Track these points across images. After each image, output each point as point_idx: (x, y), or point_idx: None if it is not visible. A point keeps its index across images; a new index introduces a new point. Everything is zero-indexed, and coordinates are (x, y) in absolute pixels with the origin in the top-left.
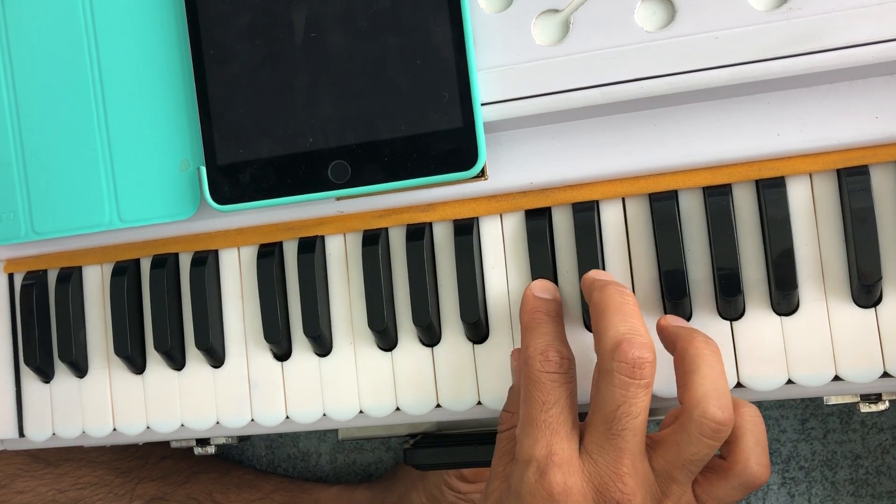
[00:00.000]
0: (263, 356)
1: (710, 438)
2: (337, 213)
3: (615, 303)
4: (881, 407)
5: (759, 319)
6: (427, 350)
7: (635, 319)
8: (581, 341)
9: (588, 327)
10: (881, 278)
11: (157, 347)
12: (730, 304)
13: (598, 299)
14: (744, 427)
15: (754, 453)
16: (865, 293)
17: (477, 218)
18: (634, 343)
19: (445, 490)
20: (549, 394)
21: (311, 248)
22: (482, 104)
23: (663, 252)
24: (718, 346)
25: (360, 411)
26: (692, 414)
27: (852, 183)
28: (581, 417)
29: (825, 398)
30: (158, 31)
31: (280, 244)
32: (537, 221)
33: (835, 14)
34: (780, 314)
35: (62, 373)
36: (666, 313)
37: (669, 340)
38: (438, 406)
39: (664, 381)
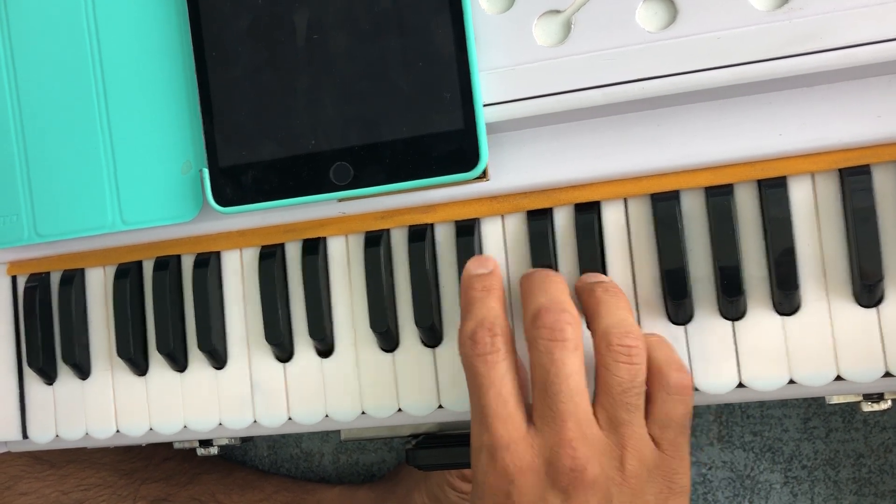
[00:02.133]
0: (266, 358)
1: (626, 362)
2: (339, 214)
3: (537, 281)
4: (883, 406)
5: (760, 319)
6: (429, 351)
7: (556, 292)
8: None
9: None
10: (883, 278)
11: (159, 349)
12: (731, 304)
13: (523, 284)
14: (650, 349)
15: (665, 363)
16: (867, 293)
17: (478, 219)
18: (552, 308)
19: (448, 490)
20: (483, 377)
21: (314, 250)
22: (484, 105)
23: (665, 252)
24: (621, 292)
25: (362, 412)
26: (600, 348)
27: (854, 182)
28: None
29: (827, 398)
30: (161, 33)
31: (282, 246)
32: (539, 222)
33: (836, 14)
34: (781, 314)
35: (65, 374)
36: (668, 314)
37: (578, 296)
38: (440, 407)
39: None
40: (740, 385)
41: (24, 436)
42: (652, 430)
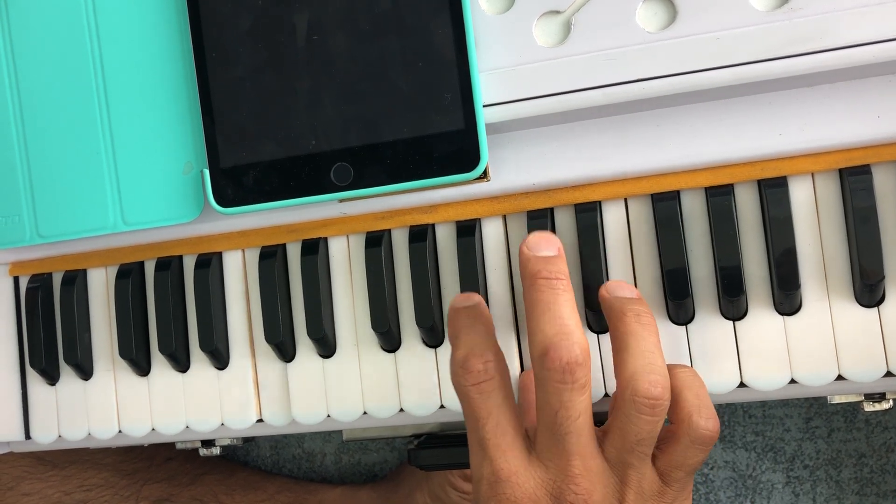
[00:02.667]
0: (268, 358)
1: (648, 415)
2: (340, 214)
3: (544, 300)
4: (885, 406)
5: (761, 319)
6: (430, 351)
7: (565, 317)
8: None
9: (591, 328)
10: (884, 278)
11: (161, 350)
12: (732, 304)
13: (528, 296)
14: (681, 386)
15: (695, 408)
16: (868, 293)
17: (479, 219)
18: (562, 347)
19: (449, 490)
20: (479, 408)
21: (315, 250)
22: (484, 106)
23: (666, 252)
24: (652, 317)
25: (364, 412)
26: (624, 394)
27: (854, 182)
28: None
29: (829, 397)
30: (161, 34)
31: (283, 246)
32: (539, 222)
33: (836, 14)
34: (782, 314)
35: (67, 375)
36: (669, 314)
37: (606, 313)
38: (442, 407)
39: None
40: (742, 385)
41: (27, 436)
42: (662, 465)
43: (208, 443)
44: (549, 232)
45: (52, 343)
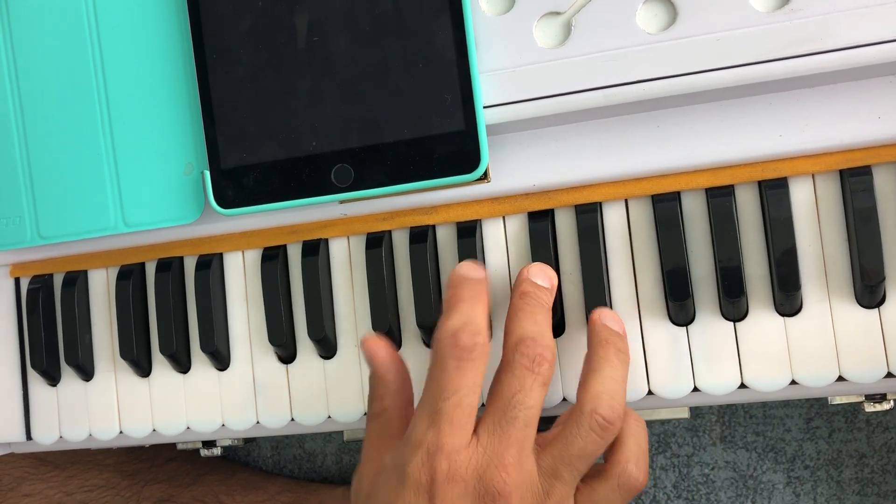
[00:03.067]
0: (268, 359)
1: (598, 434)
2: (340, 216)
3: (529, 308)
4: (886, 406)
5: (762, 320)
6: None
7: (545, 326)
8: (583, 343)
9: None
10: (884, 279)
11: (162, 351)
12: (733, 306)
13: (515, 303)
14: (628, 431)
15: (634, 456)
16: (869, 293)
17: (480, 220)
18: (539, 342)
19: None
20: (450, 381)
21: (315, 251)
22: (484, 107)
23: (666, 253)
24: (629, 357)
25: (365, 413)
26: (584, 408)
27: (855, 183)
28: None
29: (830, 398)
30: (162, 35)
31: (284, 247)
32: (540, 223)
33: (836, 15)
34: (783, 315)
35: (68, 376)
36: (669, 315)
37: (589, 335)
38: None
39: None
40: (742, 386)
41: (28, 437)
42: (580, 498)
43: (209, 443)
44: (549, 268)
45: (54, 344)
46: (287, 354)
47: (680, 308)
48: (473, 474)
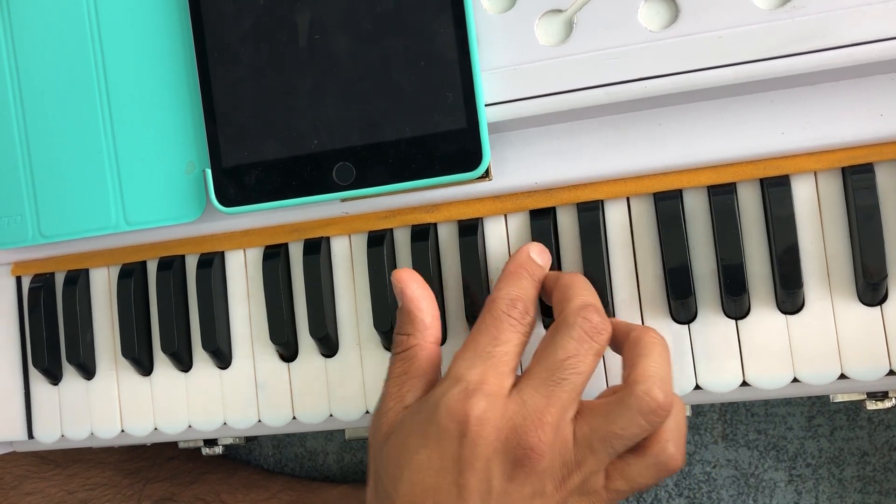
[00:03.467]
0: (270, 357)
1: (645, 418)
2: (342, 214)
3: (586, 284)
4: (888, 404)
5: (764, 318)
6: None
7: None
8: None
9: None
10: (886, 276)
11: (164, 349)
12: (735, 303)
13: (575, 278)
14: (673, 416)
15: (674, 437)
16: (871, 291)
17: (481, 218)
18: (601, 312)
19: None
20: (503, 332)
21: (317, 250)
22: (486, 105)
23: (668, 251)
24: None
25: (367, 411)
26: (635, 388)
27: (857, 181)
28: None
29: (831, 396)
30: (163, 34)
31: (286, 245)
32: (542, 221)
33: (838, 12)
34: (785, 313)
35: (70, 375)
36: (671, 313)
37: (621, 332)
38: None
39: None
40: (744, 384)
41: (30, 436)
42: (612, 471)
43: (211, 442)
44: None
45: (55, 343)
46: (288, 353)
47: (682, 306)
48: (508, 424)
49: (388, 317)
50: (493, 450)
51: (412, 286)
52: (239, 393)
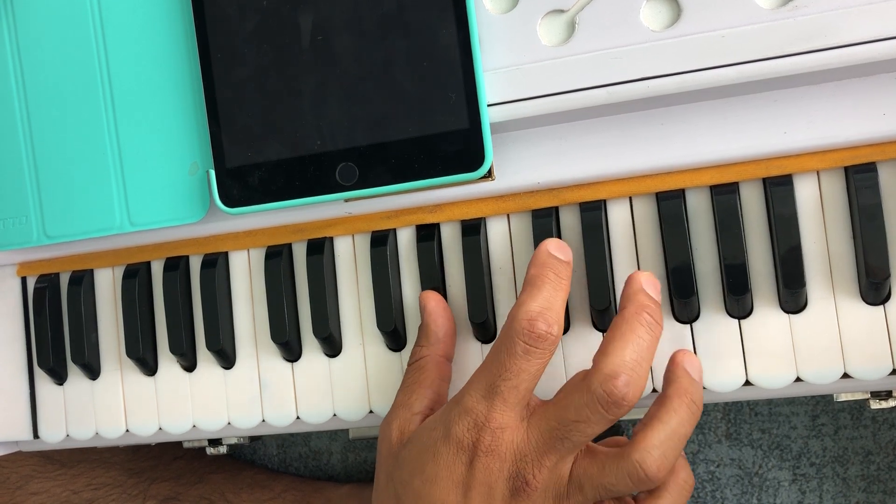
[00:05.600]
0: (274, 357)
1: (633, 483)
2: (345, 214)
3: (640, 332)
4: (891, 403)
5: (767, 317)
6: None
7: (647, 363)
8: (587, 341)
9: (597, 327)
10: (889, 275)
11: (172, 350)
12: (737, 303)
13: (629, 318)
14: (667, 490)
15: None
16: (874, 291)
17: (484, 218)
18: (631, 383)
19: None
20: (514, 363)
21: (320, 250)
22: (489, 105)
23: (671, 251)
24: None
25: (371, 411)
26: (632, 455)
27: (860, 180)
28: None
29: (835, 395)
30: (167, 35)
31: (289, 246)
32: (544, 221)
33: (841, 11)
34: (788, 312)
35: (75, 375)
36: (674, 312)
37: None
38: None
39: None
40: (747, 383)
41: (35, 435)
42: (577, 471)
43: (215, 442)
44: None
45: (60, 343)
46: (292, 353)
47: (684, 305)
48: (512, 456)
49: (391, 317)
50: (495, 478)
51: (432, 303)
52: (243, 393)
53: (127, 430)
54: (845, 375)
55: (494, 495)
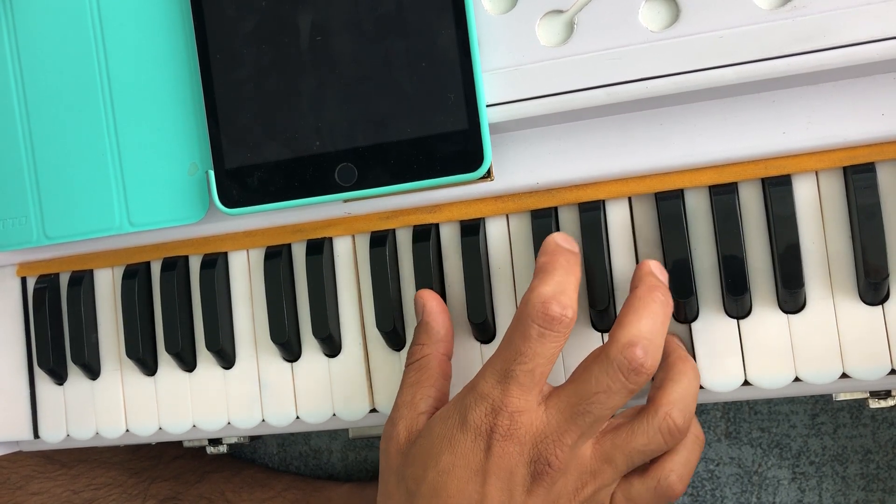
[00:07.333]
0: (273, 357)
1: (664, 438)
2: (344, 214)
3: (655, 308)
4: (890, 403)
5: (765, 318)
6: None
7: (662, 332)
8: (587, 341)
9: (596, 327)
10: (888, 275)
11: (168, 349)
12: (736, 303)
13: (642, 296)
14: (683, 444)
15: (679, 468)
16: (872, 291)
17: (483, 219)
18: (648, 353)
19: None
20: (529, 347)
21: (319, 250)
22: (487, 105)
23: (670, 251)
24: (671, 309)
25: (370, 411)
26: (659, 410)
27: (858, 180)
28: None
29: (834, 394)
30: (166, 36)
31: (288, 246)
32: (543, 221)
33: (839, 12)
34: (786, 312)
35: (75, 375)
36: (673, 312)
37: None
38: None
39: None
40: (746, 383)
41: (36, 436)
42: (616, 490)
43: (215, 441)
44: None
45: (60, 343)
46: (292, 353)
47: (683, 305)
48: (531, 439)
49: (390, 317)
50: (515, 462)
51: (432, 303)
52: (243, 393)
53: (127, 430)
54: (844, 375)
55: (515, 481)
